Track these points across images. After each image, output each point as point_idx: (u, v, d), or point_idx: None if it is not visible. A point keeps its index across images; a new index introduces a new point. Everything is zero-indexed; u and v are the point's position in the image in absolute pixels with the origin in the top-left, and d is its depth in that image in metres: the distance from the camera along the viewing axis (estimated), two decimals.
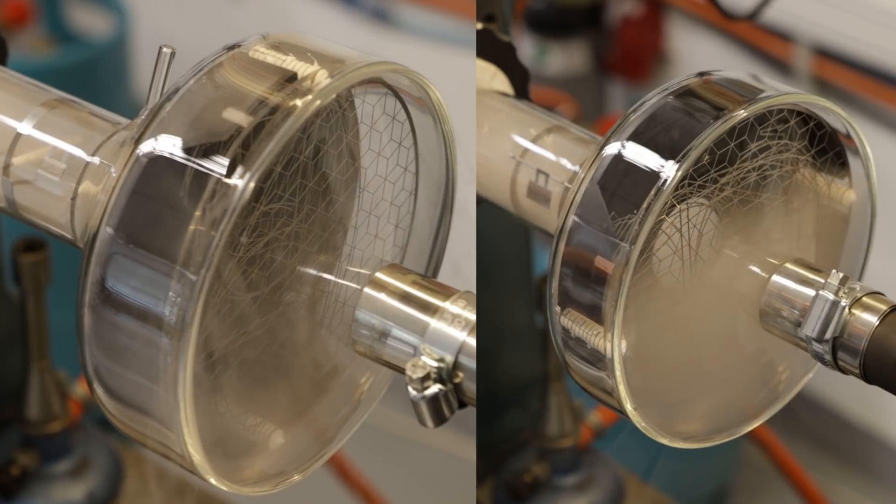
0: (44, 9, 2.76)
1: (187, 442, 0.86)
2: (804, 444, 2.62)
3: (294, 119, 0.85)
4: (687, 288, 0.99)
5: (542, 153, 1.08)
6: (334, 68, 0.87)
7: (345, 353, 0.97)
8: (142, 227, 0.85)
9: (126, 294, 0.85)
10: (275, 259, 0.91)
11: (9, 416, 1.45)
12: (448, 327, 0.90)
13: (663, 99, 0.97)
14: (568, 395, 1.48)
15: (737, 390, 1.05)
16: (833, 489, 2.59)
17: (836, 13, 2.54)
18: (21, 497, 1.43)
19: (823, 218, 1.04)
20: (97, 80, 2.63)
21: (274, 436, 0.95)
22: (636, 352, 0.97)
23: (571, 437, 1.49)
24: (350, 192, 0.95)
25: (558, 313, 0.97)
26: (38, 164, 0.94)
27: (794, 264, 1.01)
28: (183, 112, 0.87)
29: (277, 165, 0.88)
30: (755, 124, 0.98)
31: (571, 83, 2.90)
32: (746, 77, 0.99)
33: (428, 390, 0.89)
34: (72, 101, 0.97)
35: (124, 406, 0.88)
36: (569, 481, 1.50)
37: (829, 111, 1.00)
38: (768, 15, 1.84)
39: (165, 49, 0.92)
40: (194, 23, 2.80)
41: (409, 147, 0.97)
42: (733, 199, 0.99)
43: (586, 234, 0.95)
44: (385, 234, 0.98)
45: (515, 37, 1.22)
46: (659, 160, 0.94)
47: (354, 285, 0.94)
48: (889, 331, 0.95)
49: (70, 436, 1.45)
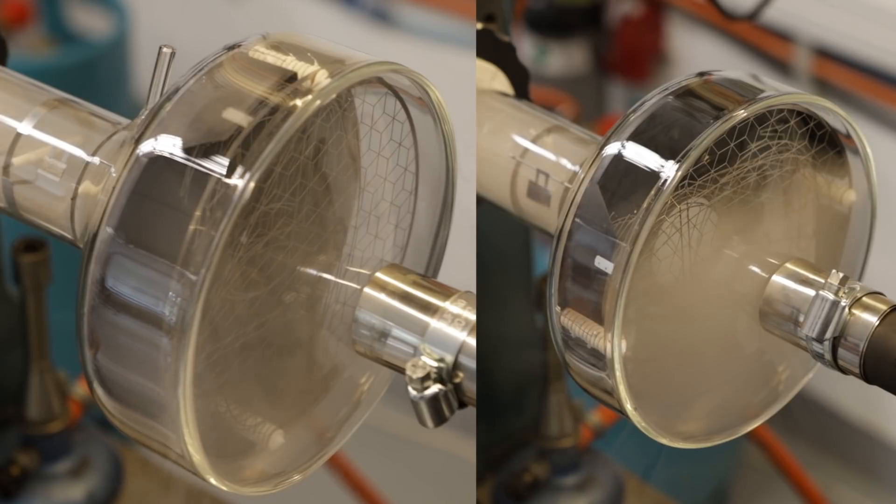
0: (44, 9, 2.76)
1: (187, 442, 0.86)
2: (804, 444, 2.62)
3: (294, 119, 0.85)
4: (687, 288, 0.99)
5: (542, 153, 1.08)
6: (334, 68, 0.87)
7: (345, 353, 0.97)
8: (142, 227, 0.85)
9: (126, 294, 0.85)
10: (275, 259, 0.91)
11: (9, 416, 1.45)
12: (448, 327, 0.90)
13: (663, 99, 0.97)
14: (568, 395, 1.48)
15: (737, 390, 1.05)
16: (833, 489, 2.59)
17: (836, 13, 2.54)
18: (21, 497, 1.43)
19: (823, 218, 1.04)
20: (97, 80, 2.62)
21: (274, 436, 0.95)
22: (636, 352, 0.97)
23: (571, 437, 1.49)
24: (350, 192, 0.95)
25: (558, 313, 0.97)
26: (38, 164, 0.94)
27: (794, 264, 1.01)
28: (183, 112, 0.87)
29: (277, 165, 0.88)
30: (755, 124, 0.98)
31: (571, 83, 2.90)
32: (746, 77, 0.99)
33: (428, 390, 0.89)
34: (72, 101, 0.97)
35: (124, 406, 0.88)
36: (569, 481, 1.50)
37: (829, 111, 1.00)
38: (768, 15, 1.84)
39: (165, 49, 0.92)
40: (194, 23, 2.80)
41: (409, 147, 0.97)
42: (733, 199, 0.99)
43: (586, 234, 0.95)
44: (385, 234, 0.98)
45: (515, 37, 1.22)
46: (659, 160, 0.94)
47: (354, 285, 0.94)
48: (889, 331, 0.95)
49: (70, 436, 1.45)
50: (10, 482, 1.42)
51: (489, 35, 1.16)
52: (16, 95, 0.97)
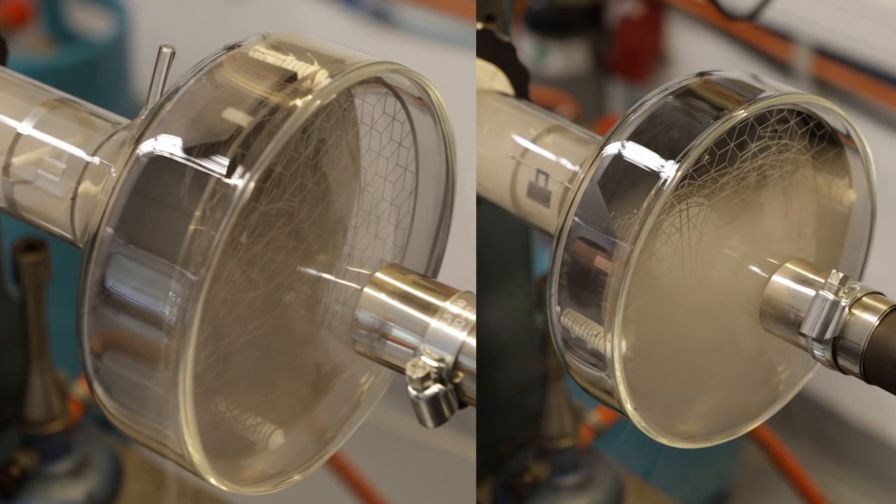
0: (44, 9, 2.77)
1: (187, 442, 0.86)
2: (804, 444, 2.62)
3: (294, 119, 0.85)
4: (687, 288, 0.99)
5: (542, 153, 1.08)
6: (334, 68, 0.87)
7: (345, 353, 0.97)
8: (142, 227, 0.85)
9: (126, 294, 0.85)
10: (275, 259, 0.91)
11: (9, 416, 1.45)
12: (448, 327, 0.90)
13: (663, 99, 0.97)
14: (568, 395, 1.48)
15: (737, 390, 1.05)
16: (833, 489, 2.59)
17: (836, 13, 2.54)
18: (21, 497, 1.43)
19: (823, 218, 1.04)
20: (97, 80, 2.63)
21: (274, 436, 0.95)
22: (636, 352, 0.97)
23: (571, 437, 1.49)
24: (350, 192, 0.95)
25: (558, 313, 0.97)
26: (38, 164, 0.94)
27: (794, 264, 1.01)
28: (183, 112, 0.87)
29: (278, 165, 0.88)
30: (755, 124, 0.98)
31: (571, 83, 2.90)
32: (746, 77, 0.99)
33: (428, 390, 0.89)
34: (72, 101, 0.97)
35: (124, 406, 0.88)
36: (569, 481, 1.50)
37: (829, 111, 1.00)
38: (768, 15, 1.84)
39: (165, 49, 0.92)
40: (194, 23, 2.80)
41: (409, 147, 0.97)
42: (733, 199, 0.99)
43: (586, 234, 0.95)
44: (385, 234, 0.98)
45: (515, 37, 1.22)
46: (659, 160, 0.94)
47: (354, 285, 0.94)
48: (889, 331, 0.95)
49: (70, 436, 1.45)
50: (10, 482, 1.42)
51: (489, 35, 1.16)
52: (16, 95, 0.97)
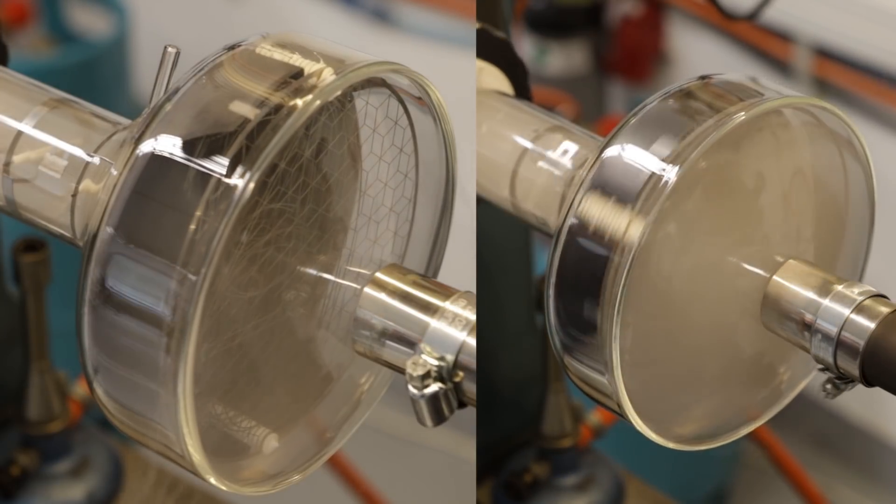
0: (44, 9, 2.77)
1: (187, 442, 0.86)
2: (804, 444, 2.62)
3: (294, 120, 0.85)
4: (687, 290, 0.99)
5: (542, 153, 1.08)
6: (336, 67, 0.87)
7: (345, 353, 0.97)
8: (142, 227, 0.85)
9: (126, 294, 0.85)
10: (275, 258, 0.91)
11: (9, 416, 1.45)
12: (448, 327, 0.90)
13: (664, 102, 0.97)
14: (567, 395, 1.48)
15: (737, 392, 1.05)
16: (833, 489, 2.59)
17: (836, 13, 2.54)
18: (21, 497, 1.43)
19: (823, 218, 1.04)
20: (97, 80, 2.63)
21: (268, 439, 0.95)
22: (635, 354, 0.97)
23: (571, 437, 1.49)
24: (351, 193, 0.95)
25: (557, 315, 0.97)
26: (38, 163, 0.94)
27: (794, 264, 1.01)
28: (183, 111, 0.87)
29: (279, 165, 0.88)
30: (751, 125, 0.98)
31: (571, 83, 2.90)
32: (746, 80, 0.99)
33: (428, 389, 0.89)
34: (72, 101, 0.97)
35: (124, 406, 0.88)
36: (569, 481, 1.50)
37: (829, 112, 1.00)
38: (768, 15, 1.84)
39: (170, 49, 0.91)
40: (194, 23, 2.80)
41: (410, 154, 0.97)
42: (733, 199, 0.99)
43: (586, 235, 0.95)
44: (385, 237, 0.98)
45: (515, 37, 1.22)
46: (658, 162, 0.94)
47: (354, 285, 0.94)
48: (888, 332, 0.95)
49: (70, 436, 1.45)
50: (10, 482, 1.42)
51: (483, 33, 1.15)
52: (16, 95, 0.97)
